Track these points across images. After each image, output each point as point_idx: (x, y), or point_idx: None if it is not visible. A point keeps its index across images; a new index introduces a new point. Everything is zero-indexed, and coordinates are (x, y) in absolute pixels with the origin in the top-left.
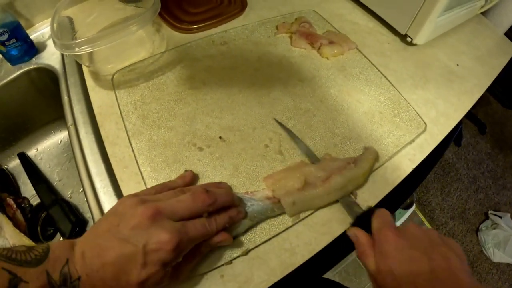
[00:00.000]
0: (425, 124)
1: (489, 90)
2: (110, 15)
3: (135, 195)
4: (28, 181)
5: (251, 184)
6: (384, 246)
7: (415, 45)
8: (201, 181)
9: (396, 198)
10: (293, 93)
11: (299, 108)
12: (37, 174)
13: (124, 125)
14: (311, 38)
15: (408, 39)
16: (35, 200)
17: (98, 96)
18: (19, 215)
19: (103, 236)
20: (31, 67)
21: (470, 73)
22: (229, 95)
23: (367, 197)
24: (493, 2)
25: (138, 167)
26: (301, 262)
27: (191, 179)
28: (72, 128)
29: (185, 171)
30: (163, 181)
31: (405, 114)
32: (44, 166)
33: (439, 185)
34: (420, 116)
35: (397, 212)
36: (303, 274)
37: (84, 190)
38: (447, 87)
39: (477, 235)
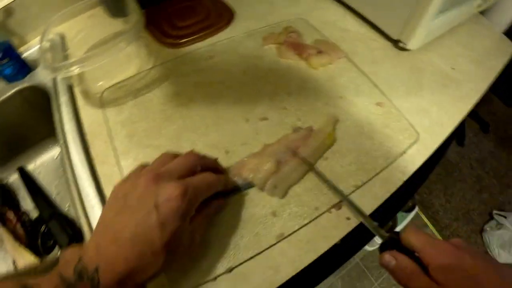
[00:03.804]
0: (418, 133)
1: (491, 89)
2: (99, 31)
3: (124, 179)
4: (28, 195)
5: None
6: (443, 260)
7: (408, 50)
8: None
9: (390, 207)
10: (279, 107)
11: (285, 123)
12: (35, 188)
13: (112, 144)
14: (298, 48)
15: (401, 45)
16: (34, 214)
17: (88, 114)
18: (19, 228)
19: (113, 220)
20: (24, 85)
21: (466, 76)
22: (214, 111)
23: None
24: (491, 0)
25: None
26: (285, 280)
27: None
28: (63, 147)
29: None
30: None
31: (396, 124)
32: (43, 180)
33: (442, 186)
34: (412, 126)
35: (399, 215)
36: None
37: (74, 208)
38: (441, 93)
39: (482, 236)
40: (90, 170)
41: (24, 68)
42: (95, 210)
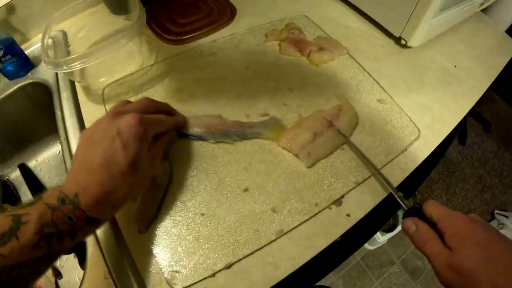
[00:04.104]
0: (419, 130)
1: (494, 88)
2: (101, 28)
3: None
4: (29, 192)
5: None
6: (458, 229)
7: (410, 47)
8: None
9: (391, 204)
10: (280, 103)
11: (286, 119)
12: (36, 184)
13: None
14: (300, 45)
15: (403, 42)
16: None
17: (89, 110)
18: None
19: (84, 155)
20: (27, 81)
21: (468, 74)
22: (215, 107)
23: (354, 209)
24: None
25: None
26: (284, 276)
27: None
28: (64, 143)
29: None
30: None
31: (398, 121)
32: (44, 176)
33: (444, 185)
34: (413, 123)
35: (400, 214)
36: (290, 285)
37: None
38: (443, 90)
39: None
40: None
41: (27, 64)
42: None
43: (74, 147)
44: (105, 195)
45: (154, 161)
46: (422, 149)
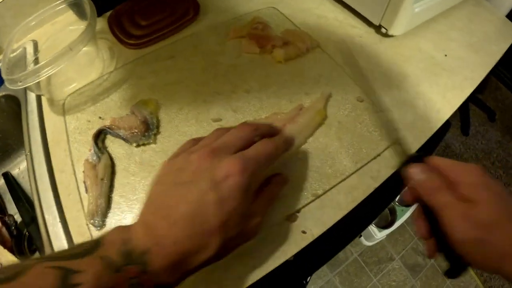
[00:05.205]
0: (397, 131)
1: (497, 76)
2: (65, 37)
3: (174, 155)
4: (13, 201)
5: None
6: (474, 179)
7: (392, 36)
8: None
9: (358, 218)
10: (236, 106)
11: None
12: (18, 192)
13: (70, 151)
14: (262, 40)
15: (383, 30)
16: (20, 217)
17: (52, 123)
18: (4, 232)
19: (164, 196)
20: (0, 94)
21: (461, 63)
22: (167, 114)
23: (311, 225)
24: None
25: (79, 194)
26: None
27: None
28: (28, 156)
29: None
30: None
31: (371, 121)
32: (26, 184)
33: None
34: (391, 123)
35: (398, 210)
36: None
37: (37, 220)
38: (430, 83)
39: None
40: (51, 180)
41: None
42: (54, 224)
43: (36, 161)
44: (182, 257)
45: (255, 219)
46: (401, 153)
